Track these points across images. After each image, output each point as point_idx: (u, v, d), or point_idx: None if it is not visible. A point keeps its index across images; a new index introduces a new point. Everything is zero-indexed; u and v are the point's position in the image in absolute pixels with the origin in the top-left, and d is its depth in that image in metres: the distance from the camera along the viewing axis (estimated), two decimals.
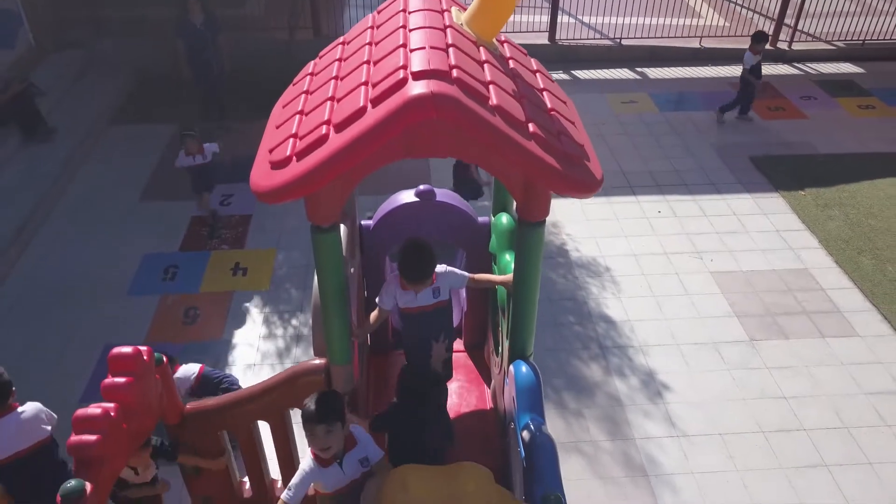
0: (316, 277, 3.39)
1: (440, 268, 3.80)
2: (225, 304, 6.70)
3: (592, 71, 11.30)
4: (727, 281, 7.02)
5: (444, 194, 4.13)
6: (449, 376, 4.12)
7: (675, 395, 5.85)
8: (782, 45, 11.66)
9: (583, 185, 2.82)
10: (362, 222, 4.23)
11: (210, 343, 6.26)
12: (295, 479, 3.09)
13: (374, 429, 3.52)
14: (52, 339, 6.29)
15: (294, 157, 2.76)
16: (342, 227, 3.65)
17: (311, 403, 3.05)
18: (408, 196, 4.09)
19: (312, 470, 3.09)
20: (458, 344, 4.79)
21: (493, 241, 4.12)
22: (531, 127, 2.76)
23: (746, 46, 9.66)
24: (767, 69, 11.32)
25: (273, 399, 3.62)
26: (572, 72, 11.25)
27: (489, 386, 4.49)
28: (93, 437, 2.80)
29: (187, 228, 7.68)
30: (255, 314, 6.59)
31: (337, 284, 3.20)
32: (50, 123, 8.95)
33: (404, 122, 2.55)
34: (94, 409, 2.88)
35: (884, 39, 11.74)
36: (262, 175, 2.87)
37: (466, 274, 3.89)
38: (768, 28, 11.83)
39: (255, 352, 6.21)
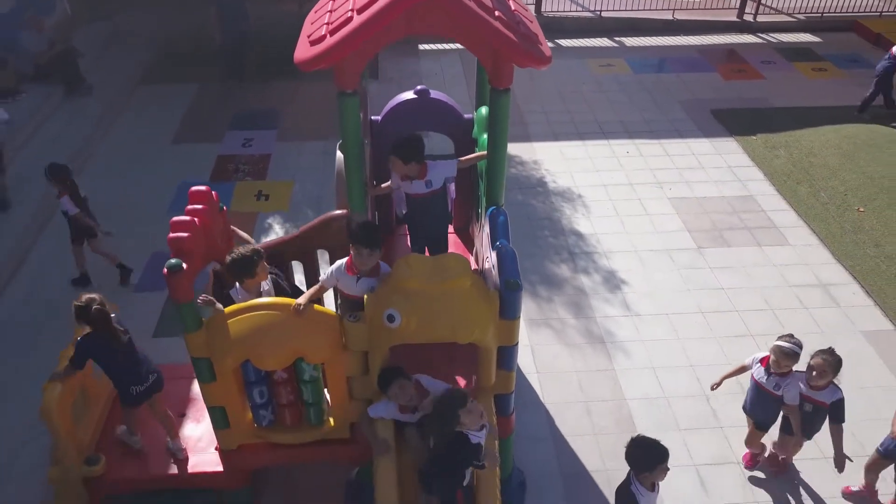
0: (339, 149, 4.51)
1: (429, 163, 4.91)
2: (251, 221, 7.83)
3: (575, 40, 12.44)
4: (682, 204, 8.16)
5: (437, 94, 5.26)
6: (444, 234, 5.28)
7: (631, 288, 6.99)
8: (748, 18, 12.79)
9: (535, 56, 3.94)
10: (372, 117, 5.37)
11: None
12: (328, 270, 4.21)
13: None
14: (106, 247, 7.39)
15: (328, 35, 3.89)
16: None
17: (360, 230, 4.09)
18: (408, 95, 5.23)
19: (340, 269, 4.20)
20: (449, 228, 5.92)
21: (475, 129, 5.26)
22: (497, 13, 3.88)
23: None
24: (733, 39, 12.50)
25: (309, 240, 4.76)
26: (557, 41, 12.37)
27: (472, 254, 5.62)
28: (185, 234, 3.93)
29: (214, 164, 8.83)
30: (278, 228, 7.72)
31: (356, 141, 4.31)
32: (88, 81, 10.08)
33: (407, 1, 3.68)
34: (185, 217, 4.02)
35: (840, 12, 12.91)
36: (303, 51, 3.99)
37: (453, 161, 5.01)
38: (734, 2, 12.99)
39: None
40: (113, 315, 4.45)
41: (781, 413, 4.96)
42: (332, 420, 4.52)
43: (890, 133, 9.23)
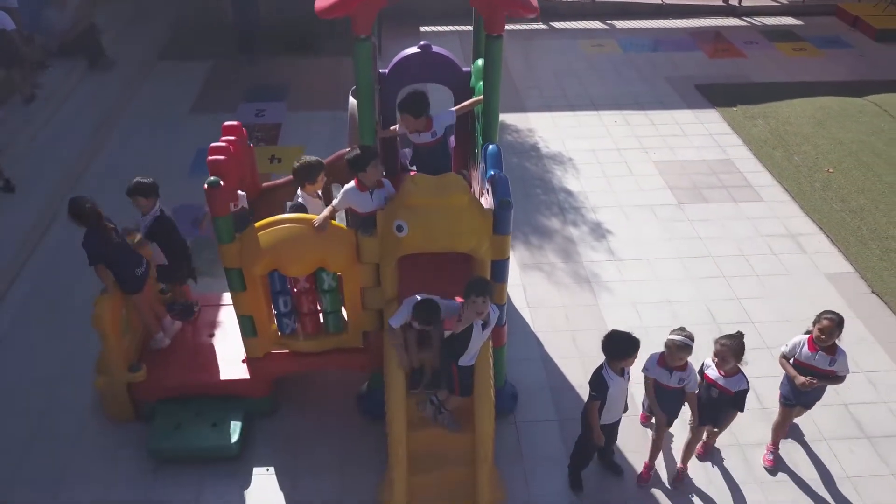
0: (351, 95, 5.14)
1: (433, 115, 5.52)
2: (266, 181, 8.42)
3: (568, 23, 13.08)
4: (665, 166, 8.80)
5: (439, 49, 5.89)
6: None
7: (615, 237, 7.62)
8: (733, 2, 13.43)
9: (524, 5, 4.56)
10: (380, 70, 5.99)
11: None
12: (338, 196, 4.82)
13: None
14: None
15: None
16: None
17: (357, 152, 4.72)
18: (412, 49, 5.86)
19: (352, 190, 4.81)
20: None
21: (472, 79, 5.89)
22: None
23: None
24: (718, 22, 13.14)
25: (326, 174, 5.38)
26: (550, 23, 13.01)
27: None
28: (221, 157, 4.56)
29: None
30: None
31: (368, 81, 4.94)
32: (109, 56, 10.73)
33: None
34: (222, 143, 4.65)
35: None
36: (322, 0, 4.62)
37: (452, 109, 5.64)
38: None
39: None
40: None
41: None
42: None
43: (860, 104, 9.87)
